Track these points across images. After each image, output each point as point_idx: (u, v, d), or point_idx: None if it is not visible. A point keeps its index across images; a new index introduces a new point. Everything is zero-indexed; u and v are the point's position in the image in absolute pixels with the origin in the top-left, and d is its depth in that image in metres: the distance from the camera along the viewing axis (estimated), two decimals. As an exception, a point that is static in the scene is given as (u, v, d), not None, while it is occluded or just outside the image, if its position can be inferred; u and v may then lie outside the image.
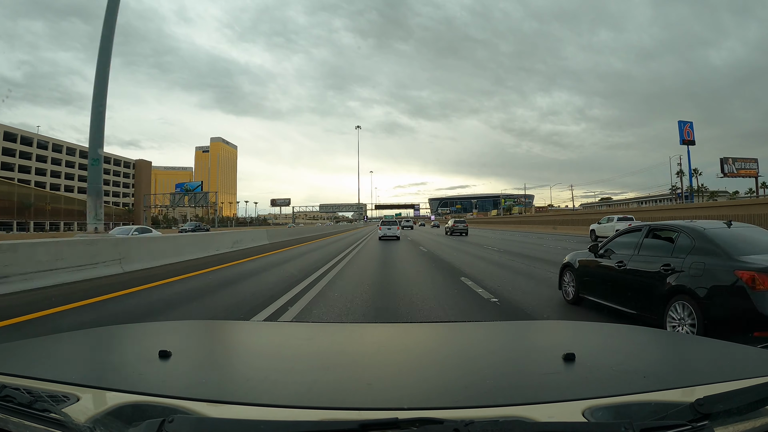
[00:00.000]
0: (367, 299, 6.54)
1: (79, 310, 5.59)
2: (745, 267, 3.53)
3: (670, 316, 3.98)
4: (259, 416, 0.80)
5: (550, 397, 0.88)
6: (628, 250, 4.88)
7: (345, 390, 0.99)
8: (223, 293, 7.14)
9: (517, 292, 7.15)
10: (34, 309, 5.40)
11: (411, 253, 15.50)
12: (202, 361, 1.31)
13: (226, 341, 1.64)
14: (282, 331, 1.82)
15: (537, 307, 5.89)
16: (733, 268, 3.58)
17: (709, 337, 4.01)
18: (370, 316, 5.52)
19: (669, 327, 3.95)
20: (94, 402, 0.86)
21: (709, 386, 0.88)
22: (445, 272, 9.88)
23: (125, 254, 9.14)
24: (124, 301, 6.25)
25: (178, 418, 0.69)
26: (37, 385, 0.92)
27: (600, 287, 5.29)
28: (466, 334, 1.63)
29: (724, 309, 3.59)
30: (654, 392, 0.89)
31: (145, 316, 5.38)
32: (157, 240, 12.20)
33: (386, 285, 8.05)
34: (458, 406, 0.85)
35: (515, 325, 2.67)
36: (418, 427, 0.67)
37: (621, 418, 0.77)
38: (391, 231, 25.70)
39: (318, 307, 5.90)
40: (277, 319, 5.17)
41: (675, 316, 3.95)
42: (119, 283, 7.60)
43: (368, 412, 0.80)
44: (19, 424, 0.74)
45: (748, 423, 0.74)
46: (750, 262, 3.56)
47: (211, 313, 5.65)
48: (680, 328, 3.87)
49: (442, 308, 5.92)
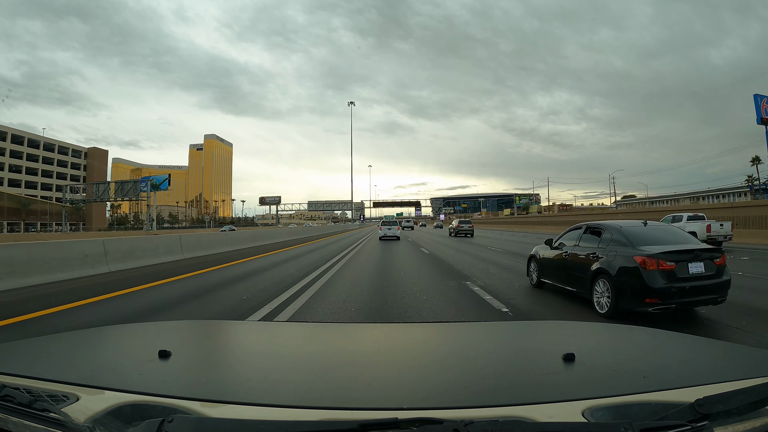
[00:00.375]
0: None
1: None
2: (640, 254, 4.94)
3: (595, 290, 5.41)
4: (259, 416, 0.80)
5: (550, 397, 0.88)
6: (572, 243, 6.34)
7: (345, 390, 0.99)
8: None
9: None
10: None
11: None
12: (202, 361, 1.31)
13: (226, 341, 1.64)
14: (282, 331, 1.82)
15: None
16: (633, 255, 4.99)
17: (618, 306, 4.86)
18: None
19: (594, 299, 5.42)
20: (94, 402, 0.86)
21: (709, 386, 0.88)
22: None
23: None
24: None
25: (177, 418, 0.69)
26: (37, 384, 0.92)
27: (553, 272, 6.75)
28: (466, 334, 1.63)
29: (627, 284, 4.95)
30: (654, 392, 0.89)
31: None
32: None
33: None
34: (458, 406, 0.85)
35: (515, 325, 2.67)
36: (418, 427, 0.67)
37: (621, 418, 0.77)
38: (392, 231, 26.26)
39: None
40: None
41: (598, 290, 5.37)
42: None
43: (368, 412, 0.81)
44: (19, 424, 0.74)
45: (748, 423, 0.74)
46: (644, 251, 4.96)
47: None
48: (601, 299, 5.29)
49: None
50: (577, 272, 5.89)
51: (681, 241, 5.38)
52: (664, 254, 4.85)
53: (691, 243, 5.36)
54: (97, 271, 9.11)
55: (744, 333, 4.56)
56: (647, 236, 5.42)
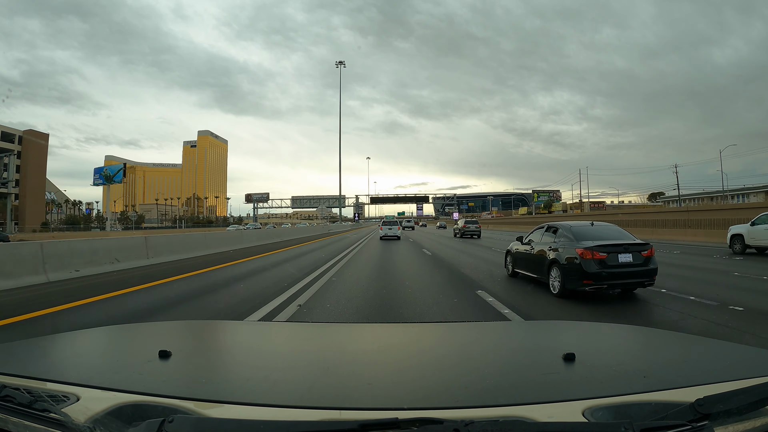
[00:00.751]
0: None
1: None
2: (580, 246, 6.42)
3: (551, 276, 6.91)
4: (259, 416, 0.80)
5: (550, 397, 0.88)
6: (537, 238, 7.97)
7: (345, 390, 0.99)
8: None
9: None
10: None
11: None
12: (202, 361, 1.31)
13: (226, 341, 1.64)
14: (282, 331, 1.82)
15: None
16: (575, 248, 6.46)
17: (565, 287, 5.79)
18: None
19: (550, 282, 6.88)
20: (94, 402, 0.86)
21: (709, 386, 0.88)
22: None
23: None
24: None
25: (178, 418, 0.69)
26: (37, 385, 0.92)
27: (523, 264, 8.38)
28: (466, 334, 1.64)
29: (571, 270, 6.43)
30: (654, 392, 0.89)
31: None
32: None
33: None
34: (458, 406, 0.85)
35: (515, 325, 2.67)
36: (418, 427, 0.67)
37: (621, 418, 0.77)
38: (392, 231, 26.97)
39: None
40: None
41: (552, 275, 6.87)
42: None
43: (368, 412, 0.81)
44: (19, 424, 0.74)
45: (748, 423, 0.74)
46: (583, 245, 6.41)
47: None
48: (555, 282, 6.75)
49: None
50: (539, 262, 7.46)
51: (617, 237, 6.82)
52: (598, 247, 6.31)
53: (625, 239, 6.74)
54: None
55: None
56: (590, 233, 6.91)
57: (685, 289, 7.03)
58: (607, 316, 5.57)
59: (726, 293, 6.83)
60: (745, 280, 8.50)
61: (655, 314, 5.74)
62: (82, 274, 8.96)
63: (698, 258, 13.51)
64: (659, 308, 5.95)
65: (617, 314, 5.59)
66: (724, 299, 6.23)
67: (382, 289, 7.73)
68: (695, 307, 5.85)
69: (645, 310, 5.95)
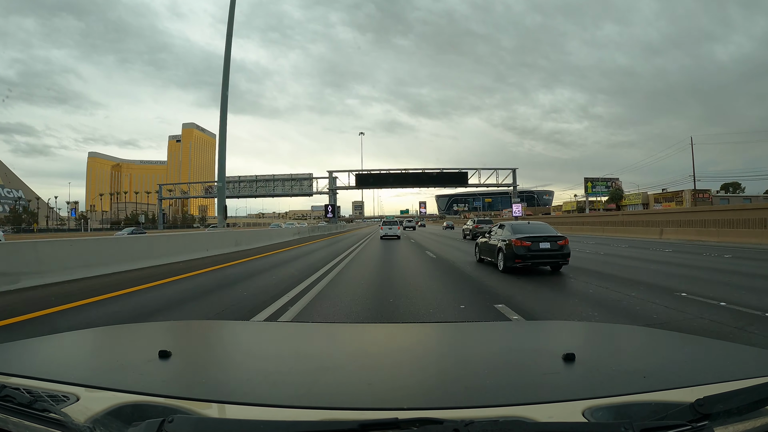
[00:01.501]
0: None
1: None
2: (514, 237, 9.51)
3: (498, 258, 10.00)
4: (259, 416, 0.80)
5: (550, 397, 0.88)
6: (494, 233, 11.10)
7: (345, 390, 0.99)
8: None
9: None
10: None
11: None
12: (202, 361, 1.31)
13: (226, 341, 1.64)
14: (282, 331, 1.82)
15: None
16: (511, 239, 9.55)
17: (505, 265, 9.77)
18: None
19: (497, 263, 10.02)
20: (94, 402, 0.86)
21: (709, 386, 0.88)
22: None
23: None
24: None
25: (178, 418, 0.69)
26: (37, 385, 0.92)
27: (485, 252, 11.54)
28: (466, 334, 1.64)
29: (508, 253, 9.58)
30: (654, 392, 0.89)
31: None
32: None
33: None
34: (458, 406, 0.85)
35: (515, 325, 2.67)
36: (418, 427, 0.67)
37: (621, 418, 0.77)
38: (392, 231, 28.41)
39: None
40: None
41: (499, 258, 9.96)
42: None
43: (368, 412, 0.81)
44: (19, 424, 0.74)
45: (748, 423, 0.74)
46: (516, 236, 9.48)
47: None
48: (499, 263, 9.87)
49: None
50: (493, 250, 10.61)
51: (541, 231, 9.88)
52: (525, 237, 9.53)
53: (547, 233, 9.80)
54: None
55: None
56: (524, 229, 10.04)
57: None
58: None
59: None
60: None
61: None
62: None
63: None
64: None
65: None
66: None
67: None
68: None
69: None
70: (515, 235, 9.57)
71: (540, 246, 9.38)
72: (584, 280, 8.36)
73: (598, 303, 6.17)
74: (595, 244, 19.86)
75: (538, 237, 9.48)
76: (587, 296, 6.74)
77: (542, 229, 9.98)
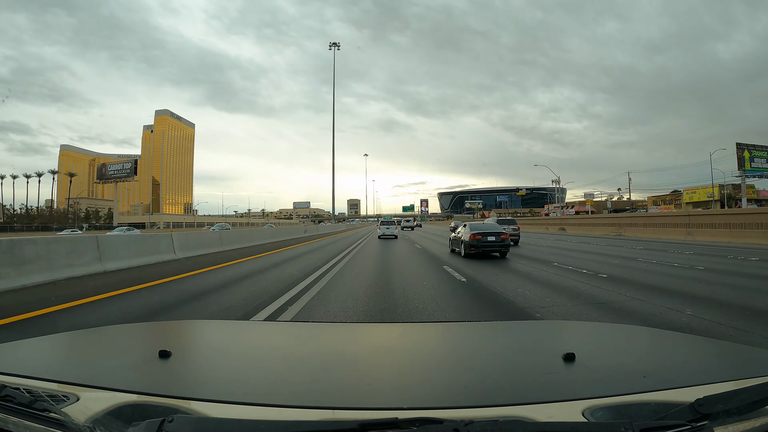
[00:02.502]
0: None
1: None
2: (470, 233, 13.44)
3: (461, 248, 13.93)
4: (259, 416, 0.80)
5: (550, 397, 0.88)
6: (459, 231, 14.78)
7: (345, 390, 0.99)
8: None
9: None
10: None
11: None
12: (202, 361, 1.31)
13: (226, 341, 1.64)
14: (282, 331, 1.82)
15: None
16: (469, 233, 13.50)
17: (464, 253, 13.80)
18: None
19: (460, 251, 14.05)
20: (94, 402, 0.86)
21: (709, 386, 0.88)
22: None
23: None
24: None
25: (178, 418, 0.69)
26: (37, 384, 0.92)
27: (455, 243, 15.01)
28: (466, 334, 1.64)
29: (467, 244, 13.37)
30: (654, 392, 0.89)
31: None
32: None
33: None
34: (458, 406, 0.85)
35: (515, 325, 2.67)
36: (418, 427, 0.67)
37: (621, 418, 0.77)
38: (390, 230, 28.80)
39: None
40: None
41: (462, 248, 13.78)
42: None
43: (368, 412, 0.81)
44: (19, 424, 0.74)
45: (748, 423, 0.74)
46: (472, 231, 13.52)
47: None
48: (461, 251, 13.84)
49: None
50: (458, 242, 14.33)
51: (491, 229, 13.68)
52: (477, 233, 13.16)
53: (494, 230, 13.51)
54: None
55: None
56: (479, 227, 14.02)
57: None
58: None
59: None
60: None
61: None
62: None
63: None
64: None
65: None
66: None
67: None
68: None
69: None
70: (471, 231, 13.34)
71: (488, 239, 13.07)
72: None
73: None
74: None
75: (487, 233, 13.24)
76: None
77: (491, 227, 13.96)
